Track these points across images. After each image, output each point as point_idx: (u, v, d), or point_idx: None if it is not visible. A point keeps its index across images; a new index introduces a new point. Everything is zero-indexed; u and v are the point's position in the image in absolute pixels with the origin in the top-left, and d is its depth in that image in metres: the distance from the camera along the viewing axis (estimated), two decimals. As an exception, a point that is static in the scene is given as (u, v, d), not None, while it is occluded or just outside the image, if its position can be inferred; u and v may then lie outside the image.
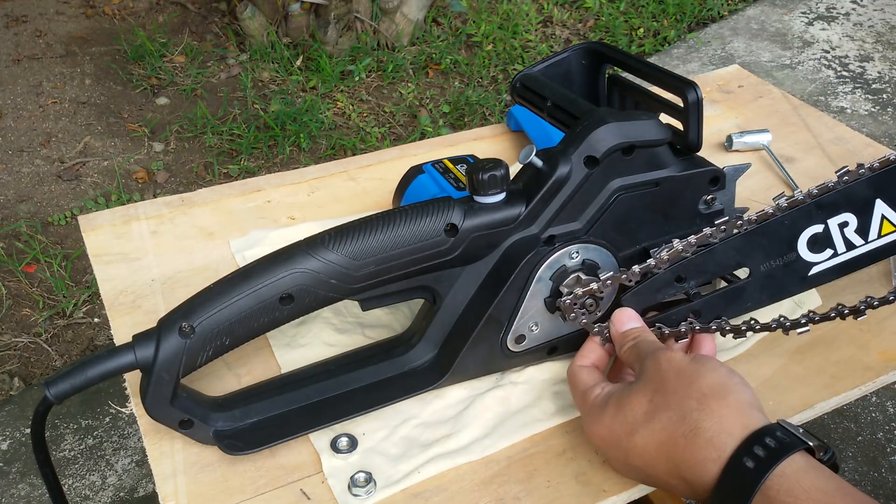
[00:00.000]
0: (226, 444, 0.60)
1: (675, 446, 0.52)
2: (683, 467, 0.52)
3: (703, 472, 0.51)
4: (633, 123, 0.63)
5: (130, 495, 1.48)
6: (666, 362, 0.56)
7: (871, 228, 0.66)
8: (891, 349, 0.72)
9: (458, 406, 0.66)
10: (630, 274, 0.63)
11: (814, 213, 0.65)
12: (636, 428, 0.54)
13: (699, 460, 0.51)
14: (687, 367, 0.55)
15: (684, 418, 0.52)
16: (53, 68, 2.65)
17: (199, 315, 0.57)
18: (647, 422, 0.54)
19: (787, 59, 2.80)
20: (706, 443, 0.51)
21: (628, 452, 0.55)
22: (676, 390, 0.54)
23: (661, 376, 0.55)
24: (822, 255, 0.66)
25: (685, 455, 0.52)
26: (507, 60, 2.72)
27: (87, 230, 0.81)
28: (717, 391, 0.53)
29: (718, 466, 0.50)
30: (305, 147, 2.32)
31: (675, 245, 0.63)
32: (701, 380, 0.54)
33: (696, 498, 0.53)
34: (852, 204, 0.65)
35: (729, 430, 0.51)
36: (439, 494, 0.60)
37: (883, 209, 0.66)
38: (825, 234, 0.66)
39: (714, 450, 0.51)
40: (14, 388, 1.67)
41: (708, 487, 0.51)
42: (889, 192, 0.65)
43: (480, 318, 0.63)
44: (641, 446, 0.54)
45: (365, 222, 0.60)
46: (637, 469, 0.56)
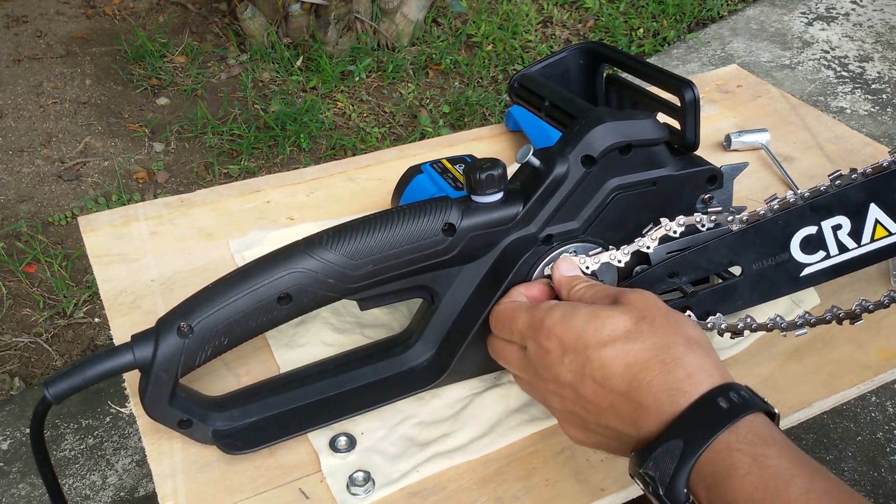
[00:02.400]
0: (225, 444, 0.60)
1: (647, 369, 0.52)
2: (647, 392, 0.51)
3: (668, 401, 0.51)
4: (631, 123, 0.63)
5: (130, 495, 1.48)
6: (653, 300, 0.56)
7: (864, 232, 0.67)
8: (889, 347, 0.72)
9: (456, 405, 0.66)
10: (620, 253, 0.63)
11: (808, 215, 0.65)
12: (613, 340, 0.53)
13: (670, 388, 0.51)
14: (672, 313, 0.55)
15: (669, 347, 0.52)
16: (54, 68, 2.66)
17: (198, 315, 0.57)
18: (627, 339, 0.53)
19: (786, 59, 2.80)
20: (685, 375, 0.51)
21: (589, 362, 0.54)
22: (665, 325, 0.54)
23: (649, 311, 0.55)
24: (815, 257, 0.67)
25: (656, 380, 0.51)
26: (506, 61, 2.72)
27: (86, 231, 0.81)
28: (701, 342, 0.54)
29: (688, 400, 0.50)
30: (306, 147, 2.32)
31: (663, 224, 0.63)
32: (687, 328, 0.55)
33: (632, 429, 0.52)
34: (846, 207, 0.66)
35: (709, 371, 0.52)
36: (438, 493, 0.60)
37: (877, 213, 0.66)
38: (818, 235, 0.66)
39: (690, 384, 0.51)
40: (14, 388, 1.68)
41: (664, 418, 0.51)
42: (883, 197, 0.66)
43: (479, 317, 0.63)
44: (610, 358, 0.53)
45: (363, 222, 0.60)
46: (588, 382, 0.54)
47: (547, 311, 0.57)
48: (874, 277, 0.80)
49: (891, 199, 0.66)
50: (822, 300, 0.77)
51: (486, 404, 0.66)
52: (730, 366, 0.70)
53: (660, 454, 0.50)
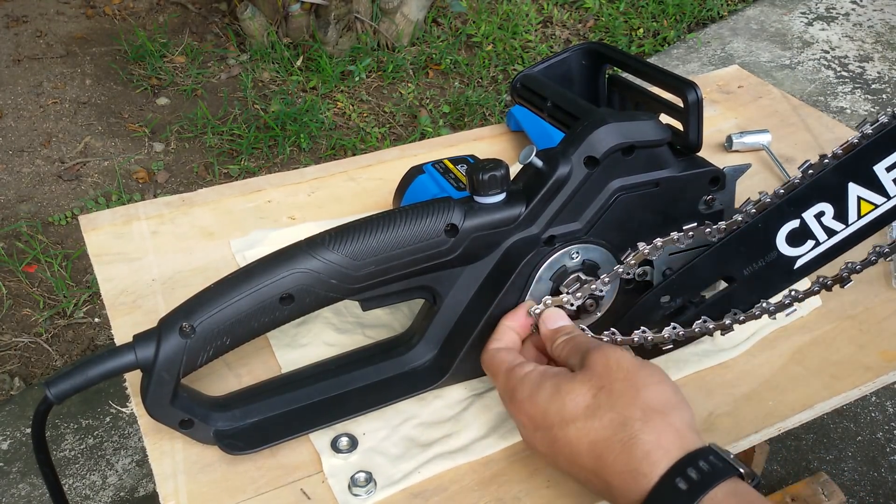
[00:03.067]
0: (226, 444, 0.60)
1: (609, 449, 0.52)
2: (610, 472, 0.52)
3: (633, 483, 0.51)
4: (633, 124, 0.63)
5: (131, 495, 1.48)
6: (615, 361, 0.55)
7: (849, 212, 0.65)
8: (890, 349, 0.72)
9: (458, 406, 0.66)
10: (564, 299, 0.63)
11: (786, 211, 0.64)
12: (574, 419, 0.53)
13: (630, 470, 0.51)
14: (636, 374, 0.54)
15: (625, 425, 0.52)
16: (54, 68, 2.65)
17: (200, 315, 0.57)
18: (586, 417, 0.53)
19: (786, 59, 2.81)
20: (643, 455, 0.51)
21: (556, 441, 0.54)
22: (623, 394, 0.53)
23: (609, 375, 0.54)
24: (805, 248, 0.66)
25: (617, 461, 0.51)
26: (507, 61, 2.72)
27: (87, 230, 0.81)
28: (661, 406, 0.53)
29: (649, 482, 0.50)
30: (306, 147, 2.32)
31: (640, 249, 0.63)
32: (647, 390, 0.54)
33: (613, 502, 0.53)
34: (824, 193, 0.64)
35: (666, 447, 0.51)
36: (439, 494, 0.60)
37: (857, 191, 0.64)
38: (802, 227, 0.65)
39: (648, 464, 0.51)
40: (14, 388, 1.68)
41: (632, 500, 0.51)
42: (859, 174, 0.64)
43: (481, 318, 0.63)
44: (574, 438, 0.53)
45: (365, 222, 0.60)
46: (560, 457, 0.55)
47: (518, 383, 0.57)
48: (874, 278, 0.80)
49: (867, 174, 0.64)
50: (823, 300, 0.77)
51: (487, 405, 0.66)
52: (731, 367, 0.70)
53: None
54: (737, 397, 0.68)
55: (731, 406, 0.67)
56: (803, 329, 0.74)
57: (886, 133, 0.63)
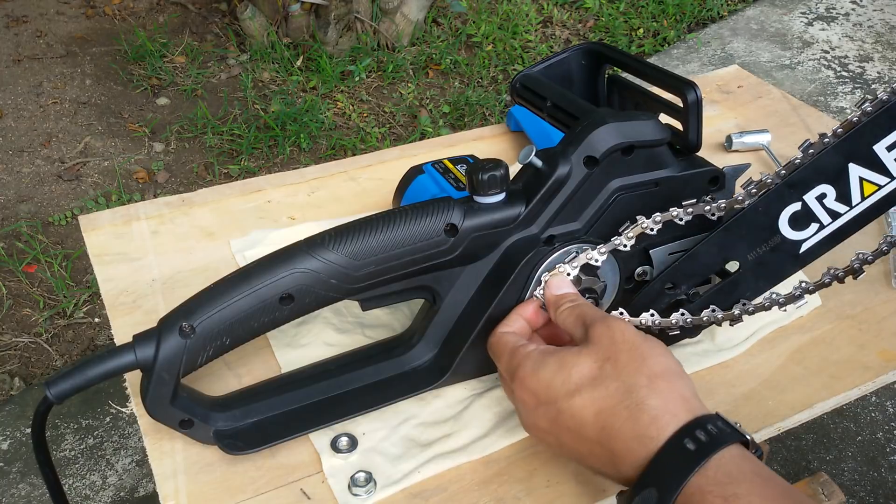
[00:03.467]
0: (226, 444, 0.60)
1: (615, 416, 0.52)
2: (617, 439, 0.52)
3: (639, 447, 0.51)
4: (633, 124, 0.63)
5: (131, 495, 1.48)
6: (620, 333, 0.56)
7: (852, 193, 0.64)
8: (890, 349, 0.72)
9: (457, 406, 0.66)
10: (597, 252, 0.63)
11: (786, 194, 0.63)
12: (579, 389, 0.54)
13: (638, 435, 0.51)
14: (640, 345, 0.55)
15: (631, 392, 0.52)
16: (54, 68, 2.65)
17: (200, 315, 0.57)
18: (592, 386, 0.53)
19: (786, 59, 2.81)
20: (650, 420, 0.51)
21: (561, 413, 0.54)
22: (628, 364, 0.54)
23: (614, 346, 0.55)
24: (809, 231, 0.65)
25: (624, 427, 0.52)
26: (507, 61, 2.72)
27: (87, 230, 0.81)
28: (666, 373, 0.54)
29: (657, 444, 0.50)
30: (305, 147, 2.32)
31: (639, 222, 0.62)
32: (652, 360, 0.54)
33: (615, 473, 0.53)
34: (825, 175, 0.63)
35: (674, 411, 0.51)
36: (439, 494, 0.60)
37: (859, 171, 0.63)
38: (805, 210, 0.64)
39: (656, 428, 0.51)
40: (14, 388, 1.68)
41: (638, 464, 0.51)
42: (859, 154, 0.62)
43: (480, 317, 0.63)
44: (579, 408, 0.53)
45: (365, 222, 0.60)
46: (564, 431, 0.55)
47: (522, 360, 0.58)
48: (875, 278, 0.80)
49: (868, 154, 0.62)
50: (823, 300, 0.77)
51: (487, 405, 0.66)
52: (731, 367, 0.70)
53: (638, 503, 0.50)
54: (736, 397, 0.68)
55: (730, 406, 0.67)
56: (803, 329, 0.74)
57: (886, 111, 0.61)
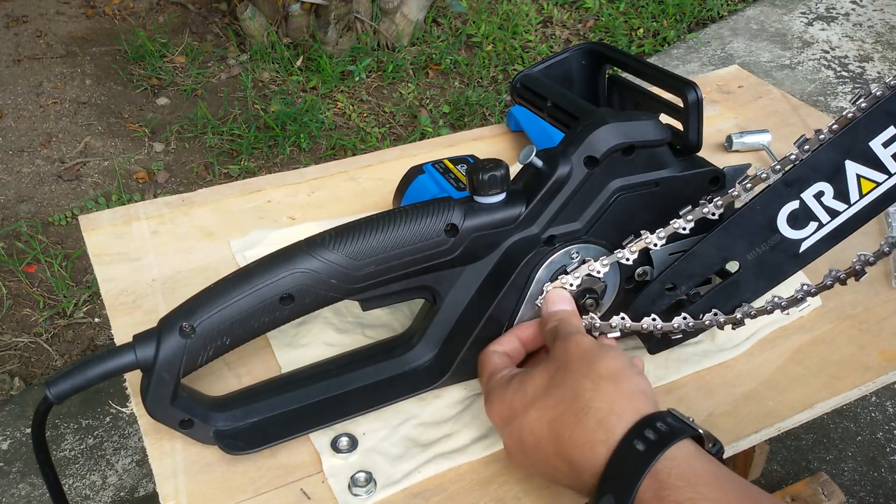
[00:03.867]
0: (226, 444, 0.60)
1: (564, 424, 0.52)
2: (571, 447, 0.52)
3: (592, 454, 0.51)
4: (633, 124, 0.63)
5: (131, 495, 1.48)
6: (574, 345, 0.56)
7: (850, 191, 0.63)
8: (890, 349, 0.72)
9: (458, 406, 0.66)
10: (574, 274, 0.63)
11: (784, 192, 0.63)
12: (533, 402, 0.54)
13: (588, 440, 0.51)
14: (590, 351, 0.55)
15: (577, 397, 0.52)
16: (54, 68, 2.65)
17: (200, 315, 0.57)
18: (543, 397, 0.54)
19: (786, 59, 2.81)
20: (596, 423, 0.51)
21: (522, 429, 0.55)
22: (575, 370, 0.54)
23: (566, 357, 0.55)
24: (808, 230, 0.64)
25: (574, 434, 0.51)
26: (507, 61, 2.72)
27: (87, 230, 0.81)
28: (612, 375, 0.53)
29: (607, 448, 0.50)
30: (305, 147, 2.32)
31: (643, 237, 0.63)
32: (600, 363, 0.54)
33: (581, 486, 0.53)
34: (821, 172, 0.62)
35: (619, 412, 0.51)
36: (439, 494, 0.60)
37: (856, 169, 0.62)
38: (803, 208, 0.63)
39: (604, 431, 0.51)
40: (14, 388, 1.68)
41: (595, 471, 0.50)
42: (856, 151, 0.61)
43: (480, 318, 0.63)
44: (535, 420, 0.54)
45: (365, 222, 0.60)
46: (528, 449, 0.55)
47: (494, 384, 0.59)
48: (875, 279, 0.80)
49: (865, 151, 0.62)
50: (824, 300, 0.77)
51: (487, 405, 0.66)
52: (731, 367, 0.70)
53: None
54: (737, 397, 0.68)
55: (730, 406, 0.67)
56: (803, 329, 0.74)
57: (880, 107, 0.59)
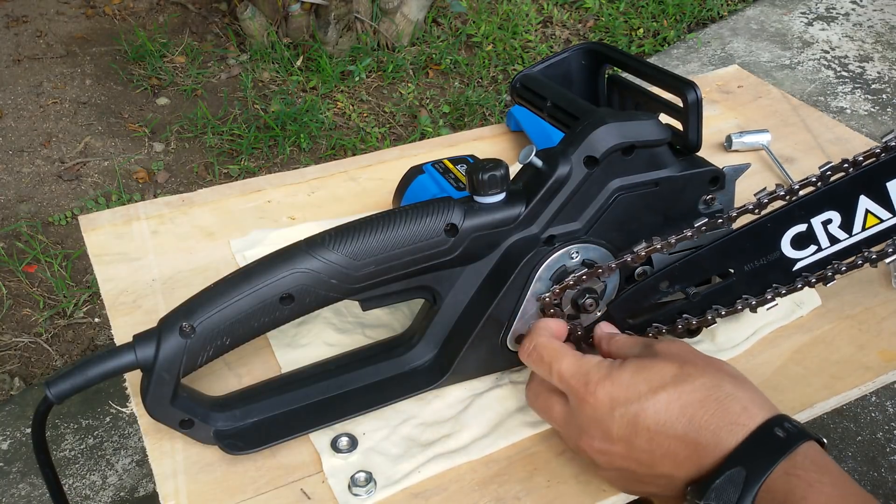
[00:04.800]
0: (226, 444, 0.60)
1: (704, 408, 0.54)
2: (706, 430, 0.53)
3: (728, 435, 0.53)
4: (633, 124, 0.63)
5: (131, 495, 1.48)
6: (686, 347, 0.59)
7: (855, 223, 0.67)
8: (890, 349, 0.72)
9: (457, 406, 0.66)
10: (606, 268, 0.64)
11: (796, 215, 0.66)
12: (663, 387, 0.55)
13: (728, 423, 0.53)
14: (710, 357, 0.59)
15: (718, 387, 0.55)
16: (54, 68, 2.65)
17: (200, 315, 0.57)
18: (677, 383, 0.55)
19: (786, 59, 2.81)
20: (741, 409, 0.53)
21: (643, 411, 0.54)
22: (707, 367, 0.56)
23: (687, 355, 0.58)
24: (806, 252, 0.67)
25: (714, 417, 0.53)
26: (507, 61, 2.72)
27: (87, 230, 0.81)
28: (742, 378, 0.57)
29: (746, 431, 0.52)
30: (305, 147, 2.32)
31: (654, 243, 0.64)
32: (727, 367, 0.58)
33: (689, 471, 0.54)
34: (836, 202, 0.66)
35: (760, 403, 0.54)
36: (439, 494, 0.60)
37: (867, 204, 0.66)
38: (809, 232, 0.66)
39: (747, 416, 0.53)
40: (14, 388, 1.68)
41: (723, 452, 0.52)
42: (872, 188, 0.66)
43: (480, 318, 0.63)
44: (665, 403, 0.54)
45: (365, 222, 0.60)
46: (641, 431, 0.55)
47: (594, 366, 0.58)
48: (875, 279, 0.80)
49: (879, 189, 0.66)
50: (823, 300, 0.77)
51: (487, 405, 0.66)
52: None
53: (721, 484, 0.51)
54: (737, 397, 0.68)
55: (730, 406, 0.67)
56: (803, 329, 0.74)
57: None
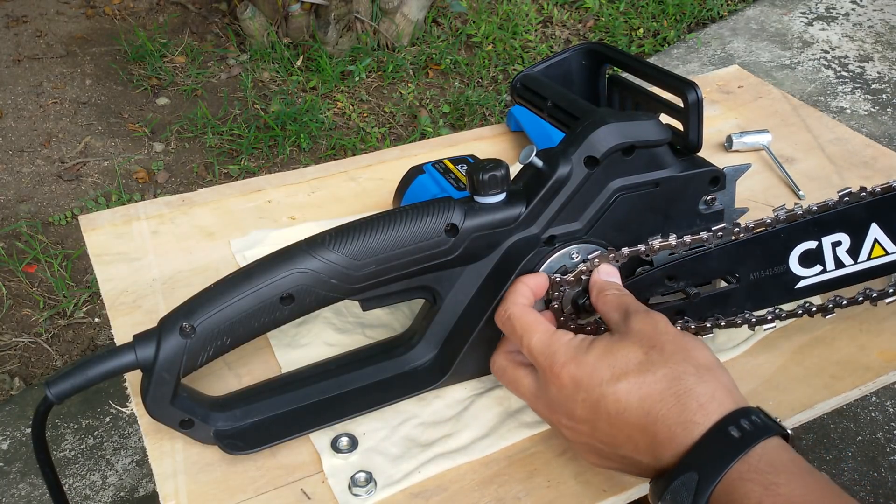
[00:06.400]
0: (226, 444, 0.60)
1: (662, 402, 0.53)
2: (661, 424, 0.52)
3: (683, 433, 0.52)
4: (634, 124, 0.63)
5: (131, 495, 1.48)
6: (663, 325, 0.57)
7: (862, 250, 0.67)
8: (890, 349, 0.72)
9: (458, 406, 0.66)
10: (618, 255, 0.63)
11: (810, 230, 0.66)
12: (625, 374, 0.54)
13: (684, 421, 0.52)
14: (681, 338, 0.56)
15: (678, 379, 0.53)
16: (54, 68, 2.65)
17: (200, 315, 0.57)
18: (640, 372, 0.54)
19: (786, 59, 2.81)
20: (697, 406, 0.52)
21: (604, 397, 0.54)
22: (674, 353, 0.55)
23: (657, 337, 0.56)
24: (812, 271, 0.67)
25: (670, 413, 0.52)
26: (507, 61, 2.72)
27: (87, 230, 0.81)
28: (710, 367, 0.55)
29: (701, 430, 0.51)
30: (305, 147, 2.32)
31: (670, 240, 0.63)
32: (696, 352, 0.55)
33: (650, 462, 0.54)
34: (848, 224, 0.66)
35: (720, 399, 0.53)
36: (439, 494, 0.60)
37: (876, 233, 0.67)
38: (818, 250, 0.67)
39: (702, 414, 0.52)
40: (14, 388, 1.68)
41: (679, 450, 0.52)
42: (885, 218, 0.67)
43: (481, 318, 0.63)
44: (625, 392, 0.54)
45: (365, 222, 0.60)
46: (602, 415, 0.55)
47: (563, 345, 0.57)
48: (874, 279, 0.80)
49: (891, 220, 0.67)
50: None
51: (487, 405, 0.66)
52: (731, 367, 0.70)
53: (676, 487, 0.51)
54: (737, 397, 0.68)
55: (731, 406, 0.67)
56: (803, 329, 0.74)
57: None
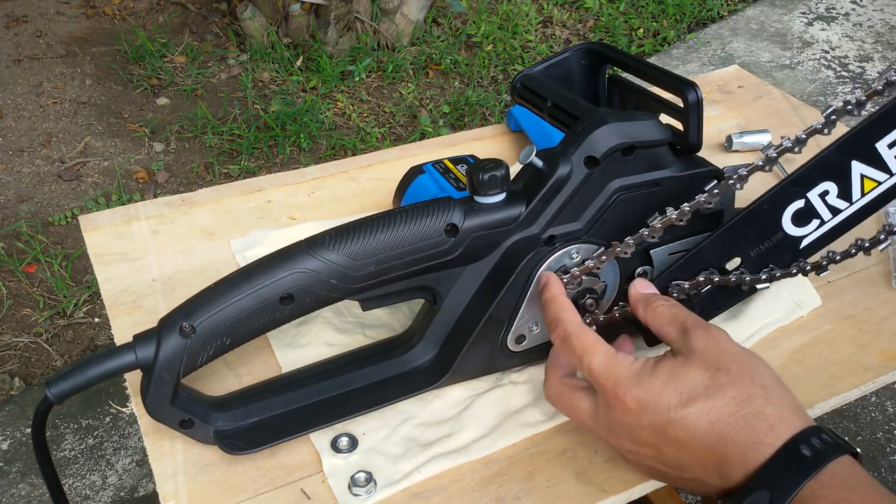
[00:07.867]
0: (226, 444, 0.60)
1: (731, 426, 0.53)
2: (732, 448, 0.52)
3: (753, 454, 0.52)
4: (634, 124, 0.63)
5: (131, 495, 1.48)
6: (725, 343, 0.56)
7: (853, 190, 0.66)
8: (890, 349, 0.72)
9: (458, 406, 0.66)
10: (624, 246, 0.63)
11: (791, 192, 0.65)
12: (693, 400, 0.54)
13: (754, 442, 0.52)
14: (745, 356, 0.56)
15: (749, 401, 0.53)
16: (54, 68, 2.65)
17: (200, 315, 0.57)
18: (707, 396, 0.54)
19: (786, 59, 2.81)
20: (768, 428, 0.52)
21: (672, 423, 0.54)
22: (742, 374, 0.54)
23: (721, 357, 0.55)
24: (810, 227, 0.66)
25: (740, 435, 0.52)
26: (507, 61, 2.72)
27: (87, 230, 0.81)
28: (776, 385, 0.55)
29: (771, 450, 0.51)
30: (305, 147, 2.32)
31: (669, 214, 0.63)
32: (761, 370, 0.56)
33: (717, 482, 0.53)
34: (828, 173, 0.65)
35: (789, 419, 0.53)
36: (440, 494, 0.60)
37: (861, 169, 0.65)
38: (807, 207, 0.65)
39: (773, 436, 0.52)
40: (14, 388, 1.68)
41: (749, 470, 0.52)
42: (861, 152, 0.65)
43: (481, 318, 0.63)
44: (694, 418, 0.53)
45: (365, 222, 0.60)
46: (670, 441, 0.54)
47: (626, 368, 0.56)
48: (875, 279, 0.80)
49: (870, 151, 0.65)
50: (823, 300, 0.77)
51: (487, 405, 0.66)
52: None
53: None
54: (737, 397, 0.68)
55: (731, 406, 0.67)
56: (803, 329, 0.74)
57: (887, 109, 0.64)
